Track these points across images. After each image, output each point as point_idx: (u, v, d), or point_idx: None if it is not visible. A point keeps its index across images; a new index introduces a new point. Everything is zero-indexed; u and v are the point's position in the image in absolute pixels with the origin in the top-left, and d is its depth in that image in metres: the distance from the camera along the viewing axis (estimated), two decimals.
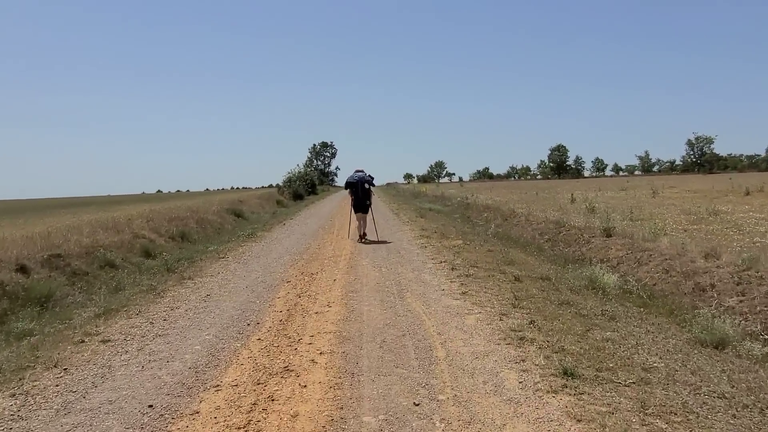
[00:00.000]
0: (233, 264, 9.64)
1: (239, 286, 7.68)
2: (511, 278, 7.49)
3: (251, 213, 25.00)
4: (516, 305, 5.97)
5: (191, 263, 9.84)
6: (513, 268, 8.48)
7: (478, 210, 21.49)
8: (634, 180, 63.16)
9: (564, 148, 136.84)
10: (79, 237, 11.32)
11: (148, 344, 5.03)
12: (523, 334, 4.87)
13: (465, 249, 10.52)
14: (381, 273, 8.25)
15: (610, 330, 5.15)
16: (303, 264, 9.35)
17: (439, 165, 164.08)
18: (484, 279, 7.52)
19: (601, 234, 11.33)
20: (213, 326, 5.61)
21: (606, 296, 6.84)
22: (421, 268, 8.58)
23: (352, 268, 8.75)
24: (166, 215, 17.40)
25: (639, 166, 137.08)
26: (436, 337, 4.93)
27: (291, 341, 4.99)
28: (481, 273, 7.97)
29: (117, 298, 7.17)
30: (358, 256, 10.10)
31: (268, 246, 12.12)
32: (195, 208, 20.98)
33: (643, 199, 24.04)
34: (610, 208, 18.11)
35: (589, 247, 11.02)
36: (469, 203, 24.39)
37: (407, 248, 10.89)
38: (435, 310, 5.94)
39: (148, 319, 5.92)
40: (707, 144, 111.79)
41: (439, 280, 7.57)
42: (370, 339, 4.96)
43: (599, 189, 35.24)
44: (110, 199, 55.39)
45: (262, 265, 9.42)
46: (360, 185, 12.24)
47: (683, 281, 7.66)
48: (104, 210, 23.08)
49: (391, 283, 7.49)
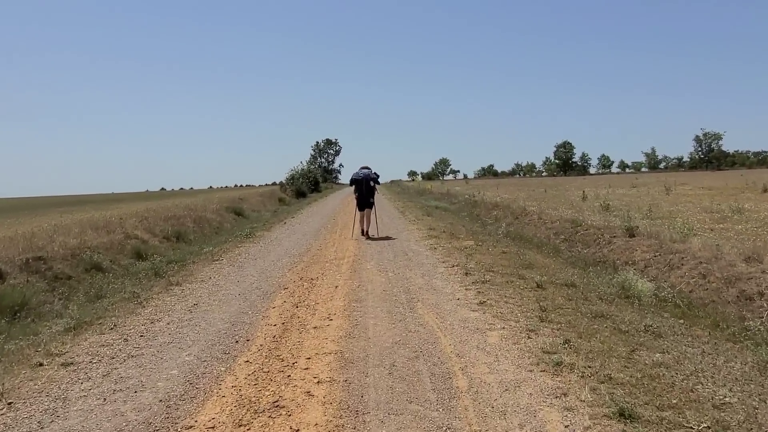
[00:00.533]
0: (227, 267, 8.90)
1: (231, 293, 6.94)
2: (533, 285, 6.71)
3: (252, 211, 24.29)
4: (544, 318, 5.20)
5: (182, 266, 9.10)
6: (533, 272, 7.71)
7: (487, 208, 20.69)
8: (642, 177, 62.10)
9: (570, 144, 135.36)
10: (65, 238, 10.61)
11: (117, 368, 4.29)
12: (559, 356, 4.10)
13: (477, 251, 9.76)
14: (387, 278, 7.50)
15: (658, 351, 4.38)
16: (303, 267, 8.60)
17: (444, 162, 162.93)
18: (503, 286, 6.76)
19: (623, 234, 10.54)
20: (196, 344, 4.87)
21: (642, 306, 6.06)
22: (432, 272, 7.82)
23: (355, 273, 8.00)
24: (163, 214, 16.70)
25: (645, 163, 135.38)
26: (455, 360, 4.18)
27: (284, 365, 4.24)
28: (499, 278, 7.20)
29: (94, 307, 6.44)
30: (363, 258, 9.35)
31: (266, 247, 11.38)
32: (193, 206, 20.29)
33: (657, 196, 23.18)
34: (625, 206, 17.32)
35: (611, 248, 10.24)
36: (476, 201, 23.58)
37: (415, 249, 10.13)
38: (451, 324, 5.18)
39: (123, 335, 5.18)
40: (715, 140, 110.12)
41: (452, 286, 6.80)
42: (377, 362, 4.21)
43: (609, 186, 34.35)
44: (112, 197, 54.74)
45: (258, 268, 8.68)
46: (365, 182, 12.03)
47: (724, 288, 6.87)
48: (102, 208, 22.43)
49: (399, 290, 6.73)
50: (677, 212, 14.92)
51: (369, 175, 12.08)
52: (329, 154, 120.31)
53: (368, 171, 12.18)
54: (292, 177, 41.60)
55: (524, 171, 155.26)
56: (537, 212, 16.04)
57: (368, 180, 12.02)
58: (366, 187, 12.03)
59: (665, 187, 27.59)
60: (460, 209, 22.82)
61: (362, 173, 12.10)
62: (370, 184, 12.06)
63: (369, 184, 12.03)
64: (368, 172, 12.13)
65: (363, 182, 12.01)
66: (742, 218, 12.90)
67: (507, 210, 18.48)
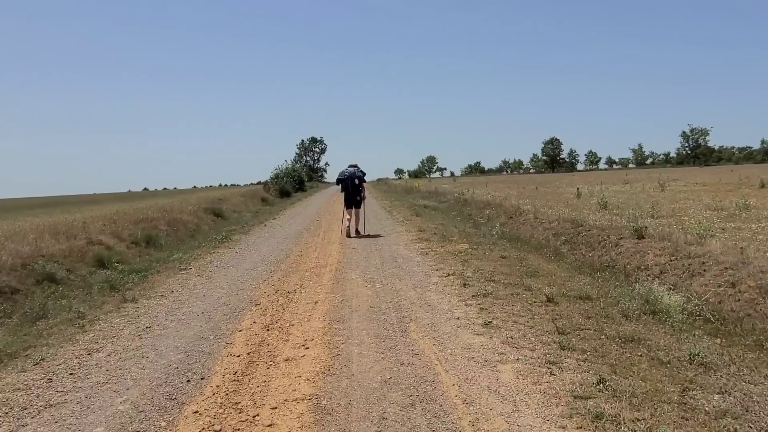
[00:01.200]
0: (194, 278, 7.91)
1: (193, 311, 5.95)
2: (543, 298, 5.82)
3: (233, 212, 23.21)
4: (564, 345, 4.30)
5: (143, 278, 8.09)
6: (538, 281, 6.83)
7: (478, 207, 19.82)
8: (632, 173, 61.56)
9: (558, 141, 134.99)
10: (18, 245, 9.53)
11: (24, 427, 3.31)
12: (596, 404, 3.20)
13: (473, 255, 8.87)
14: (375, 291, 6.57)
15: (716, 391, 3.50)
16: (279, 278, 7.64)
17: (431, 160, 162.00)
18: (508, 300, 5.85)
19: (630, 235, 9.70)
20: (137, 384, 3.89)
21: (674, 325, 5.18)
22: (425, 283, 6.90)
23: (338, 284, 7.06)
24: (134, 216, 15.61)
25: (633, 159, 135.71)
26: (462, 410, 3.25)
27: (242, 419, 3.29)
28: (502, 290, 6.30)
29: (28, 332, 5.42)
30: (347, 266, 8.41)
31: (241, 253, 10.39)
32: (169, 207, 19.19)
33: (652, 193, 22.49)
34: (623, 204, 16.57)
35: (619, 251, 9.39)
36: (466, 199, 22.72)
37: (405, 255, 9.21)
38: (452, 353, 4.26)
39: (48, 373, 4.18)
40: (702, 136, 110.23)
41: (450, 301, 5.89)
42: (362, 413, 3.27)
43: (601, 183, 33.68)
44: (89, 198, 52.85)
45: (229, 279, 7.70)
46: (350, 181, 12.01)
47: (760, 299, 6.03)
48: (73, 211, 21.18)
49: (388, 306, 5.80)
50: (680, 210, 14.16)
51: (355, 173, 12.05)
52: (314, 153, 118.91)
53: (355, 169, 12.14)
54: (276, 176, 40.52)
55: (512, 168, 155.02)
56: (532, 211, 15.18)
57: (353, 178, 12.00)
58: (352, 185, 11.98)
59: (659, 184, 26.94)
60: (449, 208, 21.94)
61: (348, 171, 12.07)
62: (356, 182, 12.01)
63: (354, 182, 11.99)
64: (354, 171, 12.09)
65: (348, 180, 11.97)
66: (751, 216, 12.16)
67: (500, 209, 17.62)
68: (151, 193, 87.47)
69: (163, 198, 33.66)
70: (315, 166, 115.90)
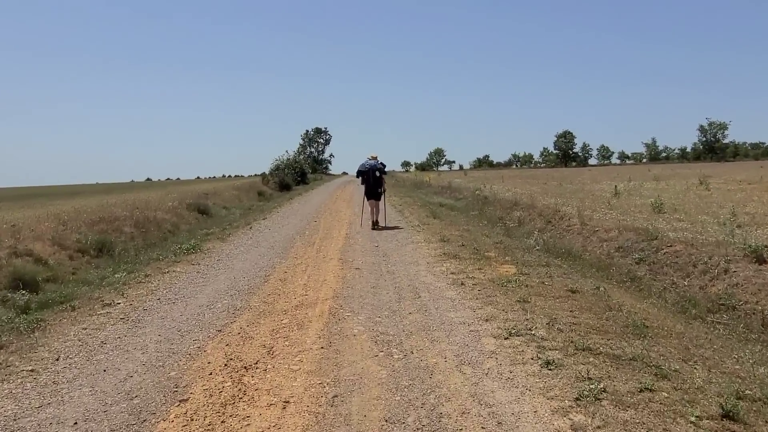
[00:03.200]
0: (111, 326, 5.17)
1: (63, 417, 3.25)
2: (715, 410, 3.07)
3: (223, 208, 20.51)
4: None
5: (36, 322, 5.36)
6: (660, 347, 4.08)
7: (503, 207, 17.01)
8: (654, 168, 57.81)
9: (571, 134, 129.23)
10: None
11: None
12: None
13: (530, 287, 6.11)
14: (392, 371, 3.82)
15: None
16: (241, 329, 4.91)
17: (438, 152, 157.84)
18: (643, 410, 3.11)
19: (744, 257, 6.94)
20: None
21: None
22: (475, 354, 4.13)
23: (330, 350, 4.31)
24: (94, 215, 12.96)
25: (646, 154, 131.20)
26: None
27: None
28: (620, 382, 3.53)
29: None
30: (347, 303, 5.67)
31: (206, 273, 7.67)
32: (144, 203, 16.53)
33: (700, 192, 19.59)
34: (680, 206, 13.76)
35: (733, 281, 6.63)
36: (486, 197, 19.89)
37: (431, 285, 6.45)
38: None
39: None
40: (721, 130, 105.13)
41: (538, 413, 3.15)
42: None
43: (629, 179, 30.76)
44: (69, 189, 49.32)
45: (165, 330, 4.98)
46: (371, 173, 12.02)
47: None
48: (34, 206, 18.46)
49: (418, 411, 3.07)
50: (763, 215, 11.32)
51: (375, 165, 12.04)
52: (319, 144, 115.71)
53: (375, 162, 12.11)
54: (276, 167, 37.88)
55: (522, 162, 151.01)
56: (576, 215, 12.40)
57: (374, 170, 11.99)
58: (372, 177, 12.00)
59: (699, 181, 24.01)
60: (468, 207, 19.16)
61: (369, 164, 12.06)
62: (377, 174, 12.01)
63: (375, 174, 12.00)
64: (375, 163, 12.07)
65: (369, 172, 11.98)
66: None
67: (532, 211, 14.81)
68: (156, 183, 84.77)
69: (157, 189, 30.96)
70: (320, 158, 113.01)
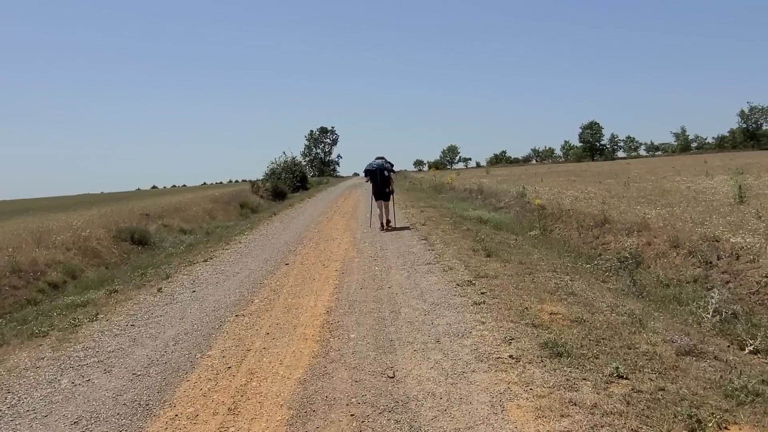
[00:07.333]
0: None
1: None
2: None
3: (179, 231, 15.25)
4: None
5: None
6: None
7: (582, 224, 11.43)
8: (711, 158, 49.83)
9: (598, 125, 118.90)
10: None
11: None
12: None
13: None
14: None
15: None
16: None
17: (452, 150, 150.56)
18: None
19: None
20: None
21: None
22: None
23: None
24: None
25: (675, 144, 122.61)
26: None
27: None
28: None
29: None
30: None
31: None
32: (43, 232, 11.28)
33: None
34: None
35: None
36: (543, 206, 14.18)
37: None
38: None
39: None
40: (764, 116, 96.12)
41: None
42: None
43: (706, 173, 24.92)
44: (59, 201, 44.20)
45: None
46: (379, 173, 11.76)
47: None
48: None
49: None
50: None
51: (383, 165, 11.88)
52: (325, 144, 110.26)
53: (382, 161, 11.96)
54: (272, 172, 32.73)
55: (542, 156, 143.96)
56: (733, 250, 6.83)
57: (382, 170, 11.81)
58: (381, 178, 11.77)
59: None
60: (518, 221, 13.61)
61: (376, 164, 11.90)
62: (385, 174, 11.83)
63: (384, 174, 11.81)
64: (382, 162, 11.92)
65: (377, 172, 11.78)
66: None
67: (647, 234, 9.18)
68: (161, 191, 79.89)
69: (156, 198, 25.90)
70: (327, 159, 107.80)
